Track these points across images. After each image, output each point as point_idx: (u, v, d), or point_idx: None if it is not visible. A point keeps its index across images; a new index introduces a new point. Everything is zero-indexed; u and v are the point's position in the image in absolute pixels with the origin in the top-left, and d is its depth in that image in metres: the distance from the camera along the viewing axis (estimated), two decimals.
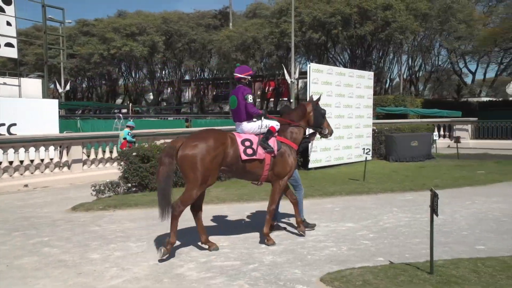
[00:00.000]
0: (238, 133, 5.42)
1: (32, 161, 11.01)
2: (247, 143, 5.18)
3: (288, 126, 5.62)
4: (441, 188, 8.96)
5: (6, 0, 15.91)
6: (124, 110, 33.48)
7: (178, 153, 4.87)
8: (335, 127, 12.81)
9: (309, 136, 6.03)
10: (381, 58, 35.87)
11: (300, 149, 5.85)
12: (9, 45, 16.19)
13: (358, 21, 29.26)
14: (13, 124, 13.65)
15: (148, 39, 38.52)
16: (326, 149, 12.72)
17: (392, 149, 14.28)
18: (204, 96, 48.92)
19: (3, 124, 13.50)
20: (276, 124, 5.47)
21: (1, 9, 15.81)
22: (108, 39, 38.54)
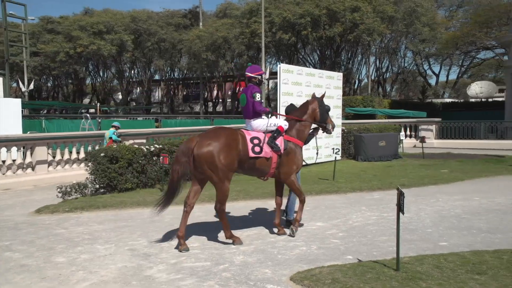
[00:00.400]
0: (248, 130, 5.63)
1: None
2: (256, 141, 5.40)
3: (294, 123, 5.83)
4: (407, 187, 9.21)
5: None
6: (91, 110, 32.66)
7: (193, 152, 5.08)
8: None
9: (313, 130, 6.15)
10: (350, 59, 36.52)
11: (305, 143, 6.04)
12: None
13: (327, 22, 29.67)
14: None
15: (116, 38, 37.73)
16: None
17: (361, 149, 14.57)
18: (174, 96, 48.37)
19: None
20: (284, 124, 5.69)
21: None
22: (74, 37, 37.49)
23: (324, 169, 12.13)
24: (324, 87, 13.84)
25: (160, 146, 10.00)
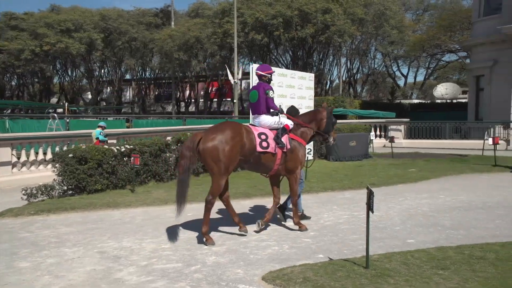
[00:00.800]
0: (255, 126, 5.83)
1: None
2: (263, 137, 5.61)
3: (300, 126, 6.09)
4: (377, 186, 9.40)
5: None
6: (59, 110, 31.78)
7: (199, 147, 5.26)
8: None
9: (312, 136, 6.35)
10: (322, 60, 36.95)
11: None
12: None
13: (299, 23, 29.92)
14: None
15: (85, 36, 36.76)
16: None
17: (332, 149, 14.76)
18: (146, 96, 47.66)
19: None
20: (290, 123, 5.94)
21: None
22: (41, 34, 36.24)
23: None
24: (296, 88, 13.96)
25: (131, 147, 9.84)
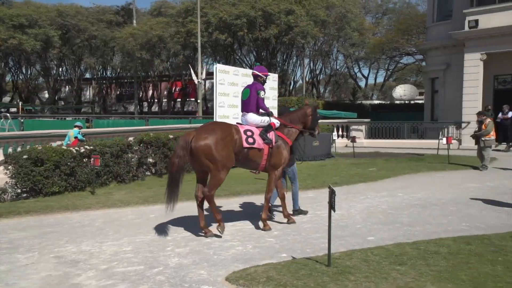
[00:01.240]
0: (241, 124, 6.08)
1: None
2: (249, 133, 5.84)
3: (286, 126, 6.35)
4: (339, 185, 9.60)
5: None
6: (13, 109, 30.40)
7: (191, 146, 5.43)
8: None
9: (299, 134, 6.60)
10: (285, 61, 37.31)
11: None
12: None
13: (263, 24, 30.07)
14: None
15: (40, 33, 35.16)
16: None
17: (296, 149, 14.87)
18: (107, 96, 46.42)
19: None
20: (277, 121, 6.22)
21: None
22: None
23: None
24: None
25: (91, 147, 9.58)
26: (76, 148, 9.42)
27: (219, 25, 30.44)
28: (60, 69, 44.18)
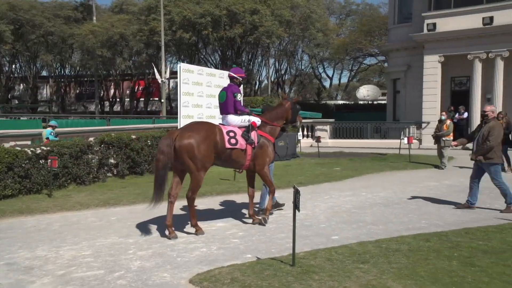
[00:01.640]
0: (224, 125, 6.19)
1: None
2: (231, 134, 5.94)
3: (267, 124, 6.45)
4: (304, 185, 9.72)
5: None
6: None
7: (175, 144, 5.55)
8: None
9: (281, 128, 6.75)
10: (251, 61, 37.41)
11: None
12: None
13: (227, 23, 30.03)
14: None
15: None
16: None
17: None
18: (65, 94, 44.93)
19: None
20: (257, 120, 6.28)
21: None
22: None
23: (225, 170, 12.20)
24: None
25: (48, 148, 9.24)
26: (32, 149, 9.06)
27: (183, 23, 30.14)
28: (14, 66, 42.34)
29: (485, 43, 18.87)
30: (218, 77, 13.76)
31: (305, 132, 22.48)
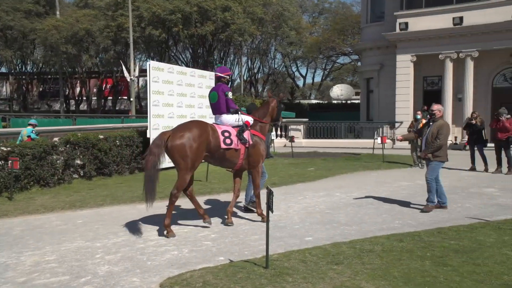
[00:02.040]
0: (218, 124, 6.33)
1: None
2: (226, 134, 6.09)
3: (257, 122, 6.63)
4: (277, 185, 9.77)
5: None
6: None
7: (167, 144, 5.69)
8: None
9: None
10: (223, 59, 37.29)
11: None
12: None
13: (198, 20, 29.83)
14: None
15: None
16: None
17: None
18: (27, 92, 43.56)
19: None
20: (250, 119, 6.49)
21: None
22: None
23: (197, 170, 12.11)
24: (196, 86, 13.91)
25: (9, 149, 8.94)
26: None
27: (153, 20, 29.75)
28: None
29: (455, 43, 19.51)
30: (189, 75, 13.68)
31: (279, 132, 22.60)
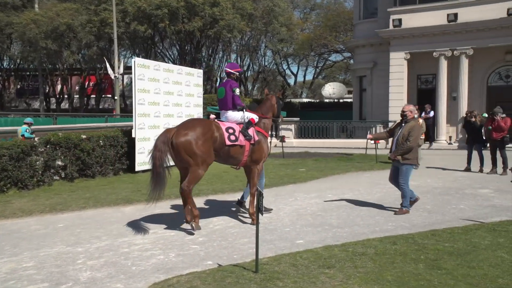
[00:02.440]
0: (222, 121, 6.51)
1: None
2: (231, 131, 6.27)
3: (261, 118, 6.83)
4: (268, 186, 9.73)
5: None
6: None
7: (172, 141, 5.86)
8: (164, 127, 12.78)
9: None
10: (211, 56, 37.23)
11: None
12: None
13: (186, 15, 29.72)
14: None
15: None
16: None
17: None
18: (4, 90, 42.97)
19: None
20: (255, 116, 6.66)
21: None
22: None
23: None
24: (184, 84, 13.87)
25: None
26: None
27: (138, 15, 29.58)
28: None
29: (450, 40, 19.71)
30: (176, 73, 13.62)
31: (270, 132, 22.57)
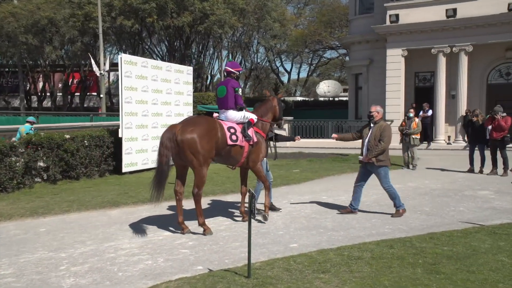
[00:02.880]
0: (223, 120, 6.62)
1: None
2: (232, 130, 6.44)
3: (259, 120, 6.99)
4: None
5: None
6: None
7: (177, 138, 5.94)
8: (152, 127, 12.78)
9: (270, 126, 7.32)
10: (201, 53, 37.15)
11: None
12: None
13: (174, 10, 29.62)
14: None
15: None
16: (143, 151, 12.51)
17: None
18: None
19: None
20: (254, 117, 6.82)
21: None
22: None
23: (174, 173, 12.05)
24: (173, 82, 13.83)
25: None
26: None
27: (124, 9, 29.44)
28: None
29: (448, 37, 19.80)
30: (165, 70, 13.58)
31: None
